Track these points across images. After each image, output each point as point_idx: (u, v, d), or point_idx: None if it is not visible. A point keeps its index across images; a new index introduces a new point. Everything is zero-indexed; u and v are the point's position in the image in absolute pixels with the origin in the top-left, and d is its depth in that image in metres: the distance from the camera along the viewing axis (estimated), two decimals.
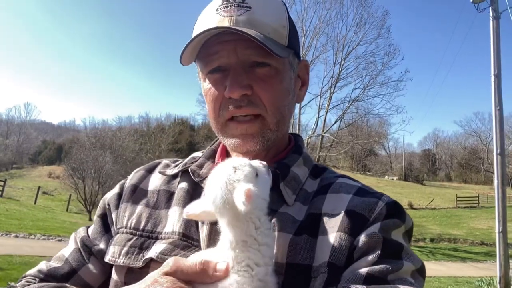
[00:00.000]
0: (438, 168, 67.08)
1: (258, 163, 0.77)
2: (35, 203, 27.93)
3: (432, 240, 23.38)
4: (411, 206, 32.24)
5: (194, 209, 0.77)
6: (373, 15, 22.75)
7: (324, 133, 24.43)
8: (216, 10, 0.86)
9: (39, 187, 31.35)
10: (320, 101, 24.71)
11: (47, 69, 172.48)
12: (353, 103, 24.52)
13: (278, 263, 0.76)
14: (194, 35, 0.85)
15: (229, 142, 0.91)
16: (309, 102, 25.68)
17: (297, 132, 24.37)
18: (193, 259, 0.67)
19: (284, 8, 0.91)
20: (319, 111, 24.70)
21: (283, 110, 0.89)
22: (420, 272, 0.78)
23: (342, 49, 23.89)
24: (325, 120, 25.03)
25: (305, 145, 1.02)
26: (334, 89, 24.33)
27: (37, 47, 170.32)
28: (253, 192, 0.67)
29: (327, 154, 25.25)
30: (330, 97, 24.42)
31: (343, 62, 23.98)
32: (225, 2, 0.85)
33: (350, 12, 22.97)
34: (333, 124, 25.71)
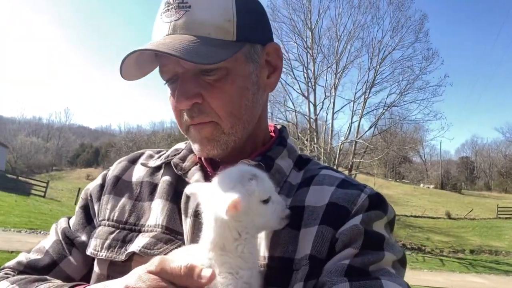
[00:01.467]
0: (477, 176, 64.18)
1: (280, 198, 0.77)
2: (75, 203, 29.05)
3: (472, 251, 22.41)
4: (449, 216, 31.03)
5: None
6: (411, 19, 22.25)
7: (358, 139, 24.06)
8: (160, 15, 0.83)
9: (79, 189, 32.59)
10: (353, 107, 24.37)
11: (86, 75, 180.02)
12: (388, 109, 24.05)
13: (260, 256, 0.77)
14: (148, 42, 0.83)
15: (193, 148, 0.90)
16: (342, 107, 25.35)
17: (329, 138, 24.25)
18: (179, 262, 0.65)
19: None
20: (352, 117, 24.35)
21: (237, 112, 0.85)
22: (401, 262, 0.77)
23: (378, 54, 23.48)
24: (358, 126, 24.66)
25: (290, 135, 0.99)
26: (368, 94, 23.97)
27: (75, 55, 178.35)
28: (242, 207, 0.65)
29: (361, 160, 24.83)
30: (365, 102, 24.04)
31: (378, 67, 23.56)
32: (166, 5, 0.82)
33: (386, 16, 22.62)
34: (367, 130, 25.28)
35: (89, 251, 0.89)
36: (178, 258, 0.66)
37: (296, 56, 24.74)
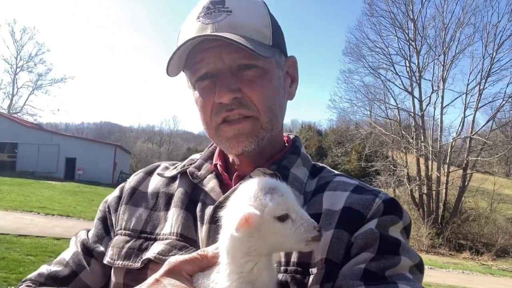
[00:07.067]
0: None
1: (308, 217, 0.70)
2: None
3: None
4: None
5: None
6: None
7: (473, 135, 21.84)
8: (197, 18, 0.86)
9: None
10: (466, 99, 22.26)
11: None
12: (509, 100, 21.38)
13: (276, 260, 0.78)
14: (178, 45, 0.85)
15: (224, 145, 0.90)
16: (452, 101, 23.43)
17: (438, 135, 22.43)
18: (192, 253, 0.72)
19: (265, 8, 0.90)
20: (465, 110, 22.27)
21: (274, 108, 0.89)
22: (418, 267, 0.77)
23: (494, 40, 21.14)
24: (473, 120, 22.39)
25: (303, 145, 1.01)
26: (484, 85, 21.63)
27: None
28: (254, 222, 0.61)
29: (478, 158, 22.40)
30: (480, 94, 21.77)
31: (495, 53, 21.18)
32: (205, 9, 0.85)
33: None
34: (484, 125, 22.81)
35: (106, 260, 0.92)
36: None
37: (397, 50, 23.58)
